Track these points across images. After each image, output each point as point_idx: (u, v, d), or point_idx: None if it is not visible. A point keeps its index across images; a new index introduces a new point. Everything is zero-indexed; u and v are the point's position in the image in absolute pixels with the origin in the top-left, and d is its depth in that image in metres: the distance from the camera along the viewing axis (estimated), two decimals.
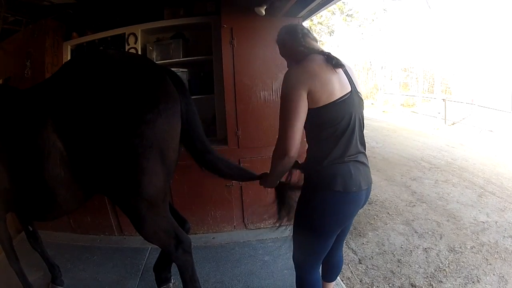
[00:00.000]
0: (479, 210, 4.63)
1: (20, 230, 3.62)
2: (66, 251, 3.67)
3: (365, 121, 1.96)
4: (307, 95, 1.68)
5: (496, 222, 4.25)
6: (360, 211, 4.34)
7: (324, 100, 1.69)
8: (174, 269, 2.62)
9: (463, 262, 3.37)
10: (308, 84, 1.67)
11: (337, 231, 1.98)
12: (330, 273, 2.45)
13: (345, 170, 1.78)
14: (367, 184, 1.89)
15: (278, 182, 2.14)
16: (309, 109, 1.71)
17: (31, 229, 3.01)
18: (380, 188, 5.49)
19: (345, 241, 3.70)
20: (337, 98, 1.71)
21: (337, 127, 1.75)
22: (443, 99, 13.76)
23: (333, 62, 1.74)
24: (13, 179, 2.13)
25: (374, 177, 5.67)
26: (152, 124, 1.92)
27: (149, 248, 3.58)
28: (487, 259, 3.41)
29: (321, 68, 1.72)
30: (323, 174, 1.79)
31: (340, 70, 1.78)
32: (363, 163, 1.89)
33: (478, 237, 3.84)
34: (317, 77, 1.69)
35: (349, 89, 1.77)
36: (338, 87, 1.73)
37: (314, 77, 1.69)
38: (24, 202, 2.26)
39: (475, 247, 3.64)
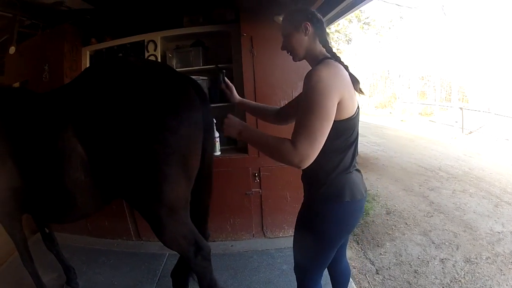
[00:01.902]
0: (495, 220, 4.63)
1: (35, 231, 3.70)
2: (82, 254, 3.74)
3: (383, 130, 1.99)
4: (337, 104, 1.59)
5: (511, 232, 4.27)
6: (378, 221, 4.44)
7: (346, 114, 1.65)
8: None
9: (478, 273, 3.39)
10: (341, 92, 1.58)
11: (344, 239, 1.99)
12: (339, 283, 2.36)
13: (350, 180, 1.79)
14: (366, 190, 1.90)
15: None
16: None
17: (47, 231, 3.09)
18: (399, 198, 5.50)
19: (363, 251, 3.76)
20: (353, 113, 1.69)
21: (346, 140, 1.73)
22: (460, 108, 13.68)
23: (357, 81, 1.72)
24: (31, 181, 2.20)
25: (393, 187, 5.83)
26: (175, 131, 1.96)
27: (167, 254, 3.62)
28: (501, 270, 3.43)
29: (349, 81, 1.66)
30: (332, 186, 1.77)
31: None
32: (359, 170, 1.90)
33: (493, 248, 3.86)
34: (348, 88, 1.64)
35: (357, 103, 1.74)
36: (355, 103, 1.70)
37: (346, 86, 1.63)
38: (43, 205, 2.32)
39: (490, 258, 3.65)
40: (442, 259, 3.64)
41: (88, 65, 4.22)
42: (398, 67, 22.21)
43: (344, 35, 14.21)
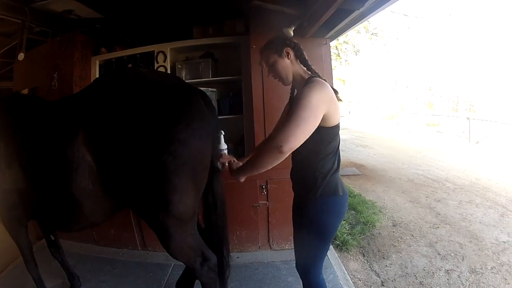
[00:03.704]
0: (500, 230, 4.69)
1: (40, 237, 3.78)
2: (87, 262, 3.80)
3: (391, 142, 2.18)
4: (324, 115, 1.89)
5: None
6: (385, 233, 4.50)
7: (333, 122, 1.97)
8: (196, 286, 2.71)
9: (483, 283, 3.43)
10: (328, 104, 1.89)
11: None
12: None
13: (339, 178, 2.12)
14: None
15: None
16: (322, 127, 1.93)
17: (52, 238, 3.15)
18: (405, 210, 5.53)
19: (368, 263, 3.81)
20: (338, 121, 2.01)
21: (335, 144, 2.06)
22: (467, 118, 13.79)
23: (336, 91, 2.05)
24: (39, 188, 2.26)
25: (400, 198, 5.90)
26: (185, 143, 1.99)
27: (172, 265, 3.65)
28: (505, 279, 3.47)
29: (333, 94, 1.96)
30: (330, 184, 2.06)
31: None
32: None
33: (498, 257, 3.90)
34: (334, 102, 1.94)
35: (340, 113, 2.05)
36: (340, 113, 2.02)
37: (333, 101, 1.93)
38: (50, 212, 2.37)
39: (495, 267, 3.69)
40: (447, 270, 3.68)
41: (97, 74, 4.31)
42: (405, 78, 22.38)
43: (352, 46, 14.11)
